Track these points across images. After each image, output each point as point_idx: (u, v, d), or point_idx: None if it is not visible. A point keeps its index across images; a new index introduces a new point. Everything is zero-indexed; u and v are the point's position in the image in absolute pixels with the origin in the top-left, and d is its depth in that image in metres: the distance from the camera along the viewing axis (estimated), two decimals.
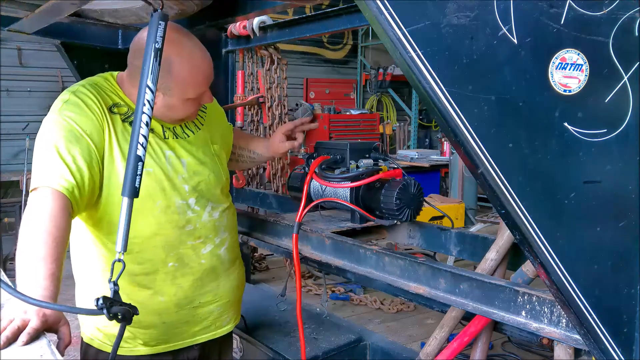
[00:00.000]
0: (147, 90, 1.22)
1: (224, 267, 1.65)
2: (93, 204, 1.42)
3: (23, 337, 1.03)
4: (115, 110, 1.46)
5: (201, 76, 1.47)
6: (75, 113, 1.38)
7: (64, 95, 1.44)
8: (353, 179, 1.85)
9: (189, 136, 1.58)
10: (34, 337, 1.05)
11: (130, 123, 1.45)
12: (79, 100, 1.41)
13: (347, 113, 8.51)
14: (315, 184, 1.97)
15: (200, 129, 1.63)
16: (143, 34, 1.44)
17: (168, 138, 1.53)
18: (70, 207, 1.29)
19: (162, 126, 1.53)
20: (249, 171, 4.58)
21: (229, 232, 1.67)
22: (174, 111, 1.50)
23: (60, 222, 1.24)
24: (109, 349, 1.52)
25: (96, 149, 1.38)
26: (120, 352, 1.49)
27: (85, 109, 1.40)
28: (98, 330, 1.55)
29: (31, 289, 1.12)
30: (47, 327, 1.09)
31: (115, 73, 1.57)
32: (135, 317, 1.37)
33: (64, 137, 1.34)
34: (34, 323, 1.06)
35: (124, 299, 1.44)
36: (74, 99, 1.41)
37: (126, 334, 1.50)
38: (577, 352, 1.42)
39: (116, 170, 1.41)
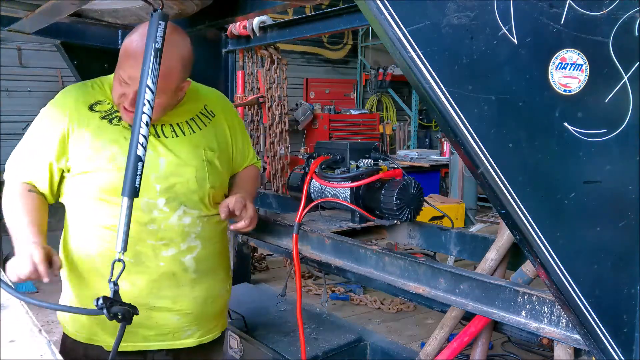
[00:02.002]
0: (147, 90, 1.22)
1: (188, 277, 1.57)
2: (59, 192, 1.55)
3: (41, 266, 1.30)
4: (96, 108, 1.51)
5: (132, 61, 1.39)
6: (47, 116, 1.52)
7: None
8: (353, 179, 1.85)
9: (177, 136, 1.56)
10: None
11: (110, 120, 1.50)
12: (55, 102, 1.54)
13: (347, 113, 8.52)
14: (315, 184, 1.97)
15: (195, 132, 1.59)
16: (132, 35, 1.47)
17: (149, 135, 1.52)
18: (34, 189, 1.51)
19: None
20: None
21: (202, 242, 1.59)
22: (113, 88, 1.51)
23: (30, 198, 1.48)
24: (77, 337, 1.58)
25: (58, 146, 1.48)
26: (84, 339, 1.56)
27: (57, 110, 1.51)
28: (70, 319, 1.60)
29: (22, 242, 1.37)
30: (46, 256, 1.34)
31: None
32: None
33: (32, 134, 1.52)
34: (36, 256, 1.31)
35: (83, 284, 1.53)
36: (53, 101, 1.55)
37: (86, 323, 1.56)
38: (577, 352, 1.42)
39: (84, 163, 1.47)
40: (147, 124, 1.23)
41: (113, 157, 1.45)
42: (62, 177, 1.52)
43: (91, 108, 1.51)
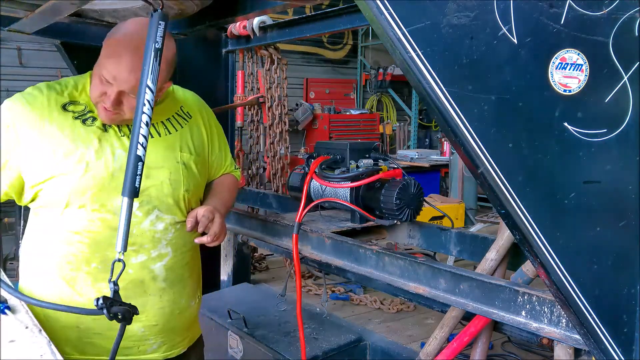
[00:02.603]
0: (147, 90, 1.22)
1: (157, 286, 1.50)
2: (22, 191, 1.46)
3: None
4: (69, 108, 1.46)
5: (116, 60, 1.37)
6: (16, 110, 1.43)
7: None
8: (353, 179, 1.85)
9: (152, 137, 1.50)
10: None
11: (84, 121, 1.44)
12: (26, 98, 1.45)
13: (347, 113, 8.53)
14: (315, 184, 1.98)
15: (171, 134, 1.55)
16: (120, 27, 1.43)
17: (124, 136, 1.47)
18: None
19: (120, 125, 1.48)
20: (249, 171, 4.58)
21: (174, 250, 1.52)
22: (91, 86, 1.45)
23: None
24: None
25: (23, 144, 1.40)
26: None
27: (28, 106, 1.43)
28: None
29: None
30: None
31: None
32: (54, 314, 1.40)
33: None
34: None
35: (49, 289, 1.48)
36: (22, 96, 1.46)
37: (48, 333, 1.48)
38: (577, 352, 1.42)
39: (52, 168, 1.40)
40: (147, 124, 1.23)
41: (83, 159, 1.41)
42: (20, 183, 1.44)
43: (64, 108, 1.46)
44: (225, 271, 2.94)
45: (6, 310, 1.17)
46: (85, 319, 1.46)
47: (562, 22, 0.97)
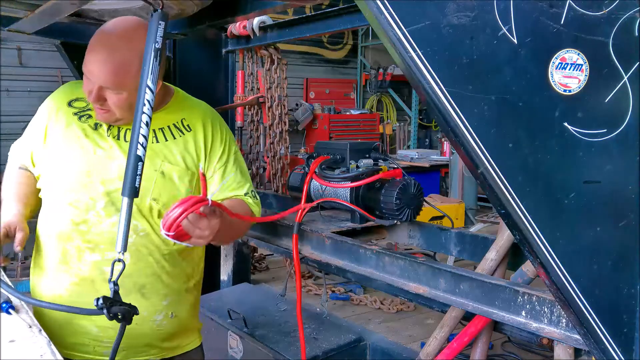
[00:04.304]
0: (147, 90, 1.22)
1: (109, 289, 1.37)
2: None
3: None
4: (74, 104, 1.54)
5: (90, 56, 1.40)
6: (41, 107, 1.59)
7: None
8: (353, 179, 1.85)
9: None
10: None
11: (80, 117, 1.51)
12: (51, 95, 1.60)
13: (347, 113, 8.53)
14: (315, 184, 1.98)
15: (159, 142, 1.51)
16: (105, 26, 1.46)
17: (110, 136, 1.49)
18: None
19: (110, 126, 1.50)
20: (249, 171, 4.57)
21: (133, 257, 1.45)
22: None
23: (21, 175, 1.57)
24: None
25: (40, 134, 1.54)
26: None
27: (48, 103, 1.58)
28: None
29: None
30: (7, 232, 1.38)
31: None
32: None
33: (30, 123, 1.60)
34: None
35: (33, 273, 1.55)
36: (52, 94, 1.62)
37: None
38: (577, 352, 1.42)
39: (51, 153, 1.50)
40: (147, 124, 1.23)
41: (66, 154, 1.47)
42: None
43: (70, 104, 1.54)
44: (225, 271, 2.94)
45: (10, 310, 1.17)
46: (47, 310, 1.46)
47: (562, 22, 0.97)
